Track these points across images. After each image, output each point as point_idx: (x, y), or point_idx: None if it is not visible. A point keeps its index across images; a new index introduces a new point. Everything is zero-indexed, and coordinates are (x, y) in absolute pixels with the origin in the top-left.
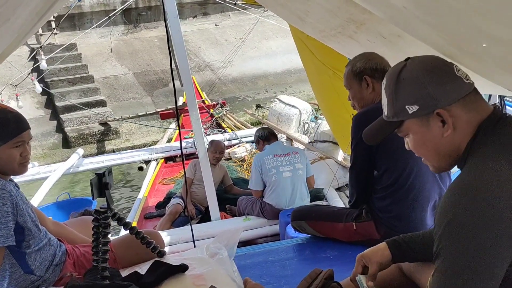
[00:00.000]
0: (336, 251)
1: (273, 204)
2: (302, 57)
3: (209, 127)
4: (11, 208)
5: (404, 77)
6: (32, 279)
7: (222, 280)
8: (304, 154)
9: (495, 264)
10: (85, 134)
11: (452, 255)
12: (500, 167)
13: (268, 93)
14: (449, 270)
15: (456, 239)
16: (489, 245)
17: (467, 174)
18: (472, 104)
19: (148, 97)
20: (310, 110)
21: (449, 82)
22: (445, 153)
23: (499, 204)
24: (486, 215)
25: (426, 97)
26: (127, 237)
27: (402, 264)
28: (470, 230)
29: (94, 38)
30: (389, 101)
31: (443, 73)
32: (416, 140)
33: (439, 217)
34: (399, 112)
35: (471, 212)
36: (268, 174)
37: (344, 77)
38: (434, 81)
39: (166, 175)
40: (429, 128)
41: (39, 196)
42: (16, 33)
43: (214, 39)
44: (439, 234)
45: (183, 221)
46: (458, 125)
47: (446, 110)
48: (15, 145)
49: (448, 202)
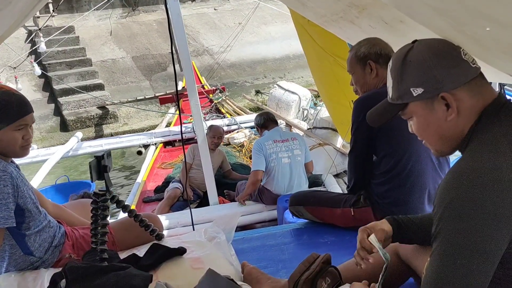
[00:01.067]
0: (334, 237)
1: (271, 190)
2: (303, 43)
3: (208, 112)
4: (12, 190)
5: (411, 60)
6: (31, 260)
7: (220, 263)
8: (303, 140)
9: (493, 246)
10: (83, 117)
11: (450, 236)
12: (501, 151)
13: (267, 78)
14: (447, 251)
15: (455, 221)
16: (488, 228)
17: (467, 157)
18: (477, 88)
19: (146, 81)
20: (310, 97)
21: (455, 66)
22: (448, 136)
23: (498, 187)
24: (485, 198)
25: (431, 80)
26: (126, 220)
27: (400, 250)
28: (469, 213)
29: (92, 21)
30: (394, 83)
31: (449, 57)
32: (419, 123)
33: (438, 199)
34: (403, 95)
35: (470, 195)
36: (269, 159)
37: (347, 62)
38: (440, 64)
39: (165, 159)
40: (433, 111)
41: (38, 179)
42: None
43: (213, 23)
44: (438, 215)
45: (181, 205)
46: (462, 109)
47: (451, 94)
48: (17, 127)
49: (448, 184)
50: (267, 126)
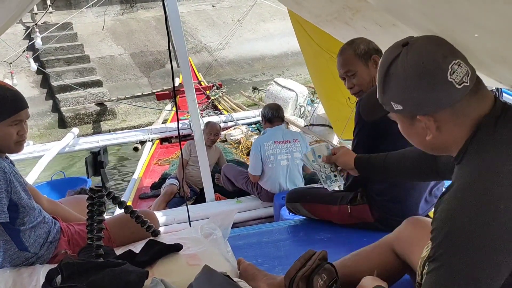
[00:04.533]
0: (330, 234)
1: (268, 189)
2: (300, 40)
3: (205, 108)
4: (5, 185)
5: (393, 72)
6: (26, 256)
7: (216, 260)
8: (304, 141)
9: (496, 273)
10: (81, 114)
11: (451, 263)
12: (504, 172)
13: (265, 75)
14: (448, 279)
15: (457, 248)
16: (491, 255)
17: (465, 174)
18: (464, 109)
19: (144, 78)
20: (307, 94)
21: (437, 90)
22: (432, 148)
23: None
24: (490, 227)
25: (410, 101)
26: (122, 216)
27: (395, 245)
28: (473, 241)
29: (90, 18)
30: (379, 89)
31: (432, 79)
32: (402, 130)
33: (439, 223)
34: (386, 104)
35: (474, 223)
36: (267, 160)
37: (343, 64)
38: (420, 87)
39: (161, 156)
40: (413, 127)
41: (34, 175)
42: (14, 11)
43: (211, 20)
44: (438, 242)
45: (178, 201)
46: (444, 128)
47: (431, 116)
48: (12, 123)
49: (450, 208)
50: (272, 122)
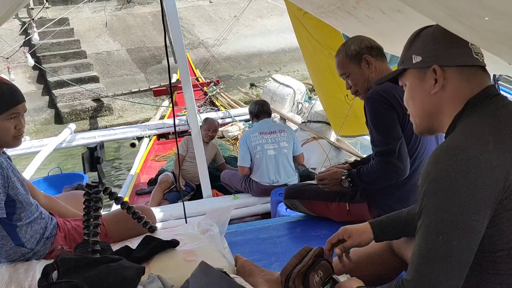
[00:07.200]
0: (327, 230)
1: (258, 181)
2: (298, 36)
3: (203, 105)
4: (2, 181)
5: (424, 34)
6: (23, 251)
7: (213, 256)
8: (291, 132)
9: (476, 220)
10: (77, 110)
11: (434, 212)
12: (483, 132)
13: (262, 72)
14: (431, 227)
15: (438, 197)
16: (470, 202)
17: (450, 137)
18: (469, 75)
19: (141, 74)
20: (304, 90)
21: (456, 47)
22: (429, 112)
23: (479, 163)
24: (467, 173)
25: (430, 52)
26: (118, 212)
27: (393, 243)
28: (452, 188)
29: (87, 13)
30: (403, 50)
31: (456, 39)
32: (408, 92)
33: (421, 177)
34: (405, 60)
35: (452, 170)
36: (254, 151)
37: (338, 66)
38: (444, 41)
39: (158, 152)
40: (422, 82)
41: (31, 170)
42: (9, 5)
43: (208, 16)
44: (422, 193)
45: (176, 196)
46: (448, 88)
47: (442, 70)
48: (9, 117)
49: (431, 162)
50: (258, 117)
